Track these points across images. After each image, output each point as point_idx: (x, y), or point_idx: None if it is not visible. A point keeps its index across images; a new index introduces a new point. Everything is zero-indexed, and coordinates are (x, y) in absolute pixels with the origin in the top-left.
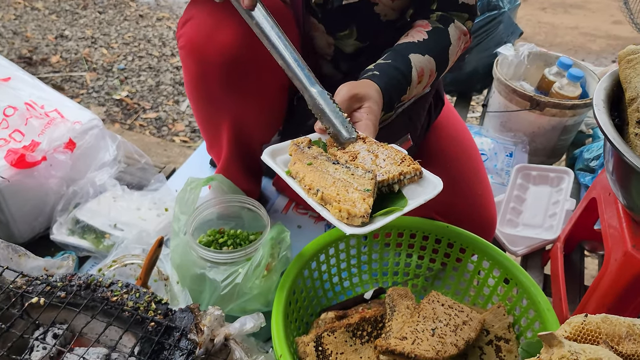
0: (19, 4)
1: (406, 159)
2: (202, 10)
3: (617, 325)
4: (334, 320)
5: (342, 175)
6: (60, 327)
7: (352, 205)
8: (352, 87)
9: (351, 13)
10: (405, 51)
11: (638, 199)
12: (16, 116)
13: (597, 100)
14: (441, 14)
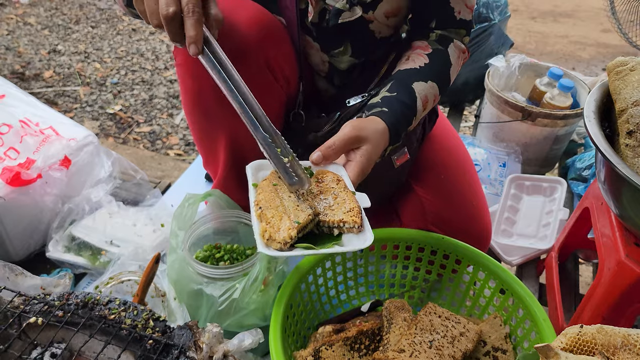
0: (11, 20)
1: (353, 210)
2: None
3: (612, 336)
4: (332, 334)
5: (289, 204)
6: (59, 346)
7: (276, 231)
8: (354, 129)
9: (346, 31)
10: (409, 80)
11: (630, 208)
12: (11, 134)
13: (588, 112)
14: (440, 33)
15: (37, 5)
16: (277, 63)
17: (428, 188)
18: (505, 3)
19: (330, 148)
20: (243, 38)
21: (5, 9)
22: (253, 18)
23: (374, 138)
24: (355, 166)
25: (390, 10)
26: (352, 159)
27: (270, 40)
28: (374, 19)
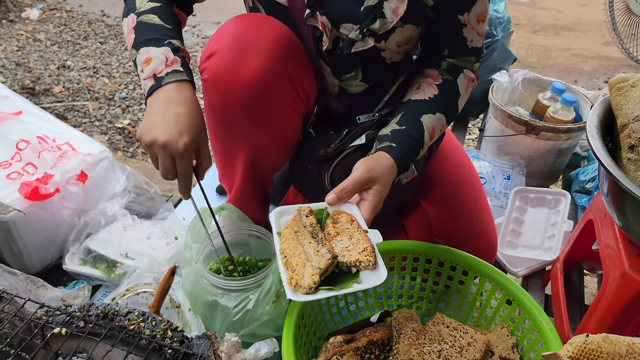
0: (21, 36)
1: (367, 250)
2: (224, 45)
3: (617, 345)
4: (342, 344)
5: (309, 250)
6: (81, 356)
7: (301, 278)
8: (365, 170)
9: (358, 58)
10: (418, 114)
11: (633, 221)
12: (29, 149)
13: (591, 127)
14: (451, 61)
15: (47, 22)
16: (299, 78)
17: (434, 203)
18: (508, 19)
19: (344, 191)
20: (270, 52)
21: (15, 25)
22: (279, 34)
23: (384, 177)
24: (368, 205)
25: (402, 40)
26: (365, 198)
27: (294, 57)
28: (385, 48)
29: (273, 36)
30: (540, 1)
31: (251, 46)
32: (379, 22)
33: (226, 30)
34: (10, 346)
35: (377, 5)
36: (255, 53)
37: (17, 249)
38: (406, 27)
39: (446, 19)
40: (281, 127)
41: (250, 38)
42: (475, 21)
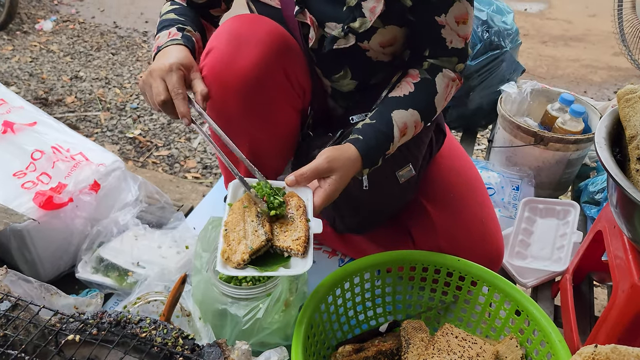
0: (34, 47)
1: (300, 239)
2: (221, 41)
3: (626, 356)
4: (352, 354)
5: (249, 228)
6: None
7: (233, 253)
8: (326, 160)
9: (343, 57)
10: (390, 109)
11: None
12: (43, 159)
13: (599, 138)
14: (432, 62)
15: (60, 33)
16: (294, 73)
17: (438, 206)
18: (516, 31)
19: (302, 176)
20: (265, 47)
21: (29, 37)
22: (273, 30)
23: (344, 168)
24: (322, 193)
25: (384, 41)
26: (322, 185)
27: (288, 51)
28: (369, 48)
29: (267, 32)
30: (549, 12)
31: (246, 41)
32: (358, 21)
33: (223, 29)
34: (24, 352)
35: (357, 6)
36: (250, 47)
37: (31, 257)
38: (388, 28)
39: (424, 20)
40: (277, 120)
41: (245, 34)
42: (454, 22)
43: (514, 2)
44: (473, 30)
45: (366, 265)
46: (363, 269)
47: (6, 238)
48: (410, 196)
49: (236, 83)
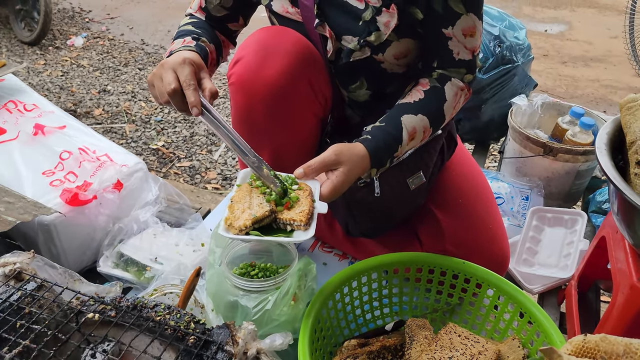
0: (66, 62)
1: (304, 212)
2: (249, 51)
3: (615, 344)
4: (356, 348)
5: (254, 202)
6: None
7: (236, 219)
8: (334, 153)
9: (359, 68)
10: (399, 113)
11: None
12: (71, 160)
13: (600, 144)
14: (441, 72)
15: (90, 49)
16: (317, 82)
17: (446, 211)
18: (528, 46)
19: (310, 167)
20: (291, 58)
21: (61, 52)
22: (298, 42)
23: (350, 161)
24: (329, 184)
25: (398, 53)
26: (329, 177)
27: (312, 62)
28: (384, 60)
29: (293, 42)
30: (569, 33)
31: (273, 51)
32: (374, 35)
33: (251, 40)
34: (47, 328)
35: (372, 20)
36: (276, 57)
37: (56, 250)
38: (402, 40)
39: (432, 32)
40: (299, 127)
41: (272, 44)
42: (461, 35)
43: (535, 23)
44: (485, 44)
45: (374, 266)
46: (371, 268)
47: (34, 232)
48: (420, 202)
49: (262, 91)
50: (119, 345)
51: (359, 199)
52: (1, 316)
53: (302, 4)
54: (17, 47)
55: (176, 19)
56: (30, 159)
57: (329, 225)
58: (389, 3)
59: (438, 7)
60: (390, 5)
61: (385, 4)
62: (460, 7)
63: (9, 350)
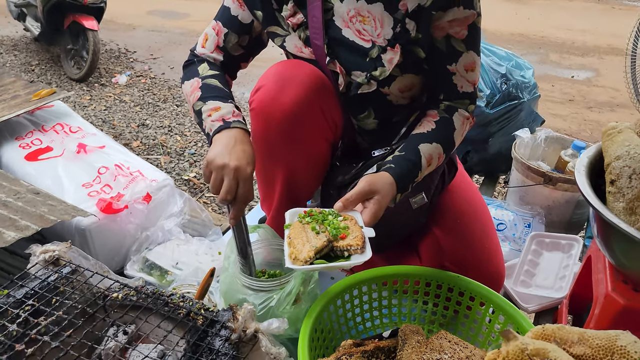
0: (110, 97)
1: (357, 237)
2: (268, 81)
3: (570, 333)
4: (352, 347)
5: (311, 235)
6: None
7: (299, 253)
8: (367, 184)
9: (367, 100)
10: (417, 142)
11: (617, 250)
12: (107, 174)
13: (579, 166)
14: (448, 104)
15: (132, 86)
16: (329, 110)
17: (445, 230)
18: (534, 84)
19: (348, 200)
20: (305, 87)
21: (106, 89)
22: (312, 74)
23: (384, 190)
24: (368, 212)
25: (402, 87)
26: (367, 206)
27: (324, 92)
28: (389, 93)
29: (308, 74)
30: (596, 80)
31: (289, 81)
32: (379, 70)
33: (270, 71)
34: (77, 304)
35: (377, 57)
36: (292, 86)
37: (89, 253)
38: (406, 76)
39: (438, 69)
40: (312, 150)
41: (288, 75)
42: (463, 70)
43: (562, 70)
44: (492, 82)
45: (375, 276)
46: (372, 279)
47: (71, 235)
48: (422, 220)
49: (279, 117)
50: (136, 322)
51: None
52: (40, 292)
53: (314, 44)
54: (66, 83)
55: None
56: (72, 172)
57: None
58: (393, 43)
59: (442, 46)
60: (395, 45)
61: (391, 43)
62: (461, 46)
63: (45, 319)
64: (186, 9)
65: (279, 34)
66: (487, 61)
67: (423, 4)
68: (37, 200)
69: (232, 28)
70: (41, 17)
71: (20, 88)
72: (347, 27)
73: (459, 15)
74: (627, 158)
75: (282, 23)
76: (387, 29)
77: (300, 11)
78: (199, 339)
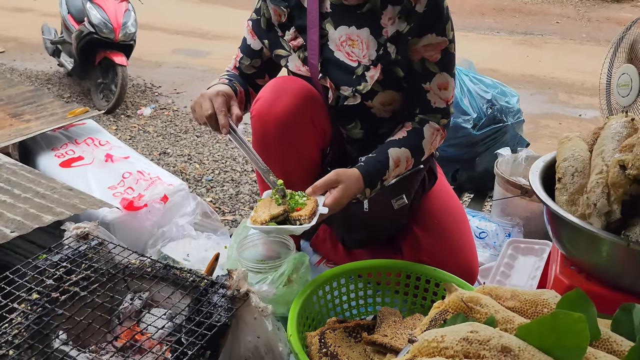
0: (134, 128)
1: (307, 210)
2: (266, 92)
3: (505, 291)
4: (336, 323)
5: (272, 206)
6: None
7: (258, 216)
8: (334, 174)
9: (353, 112)
10: (387, 147)
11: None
12: (130, 178)
13: (534, 168)
14: (421, 116)
15: (156, 118)
16: (317, 119)
17: (424, 229)
18: (518, 110)
19: (316, 187)
20: (296, 98)
21: (131, 120)
22: (304, 87)
23: (348, 181)
24: (331, 197)
25: (384, 101)
26: (331, 192)
27: (312, 102)
28: (373, 106)
29: (300, 87)
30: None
31: (283, 93)
32: (362, 85)
33: (269, 84)
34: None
35: (362, 75)
36: (285, 97)
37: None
38: (387, 91)
39: (414, 87)
40: (303, 152)
41: (283, 88)
42: (437, 89)
43: (570, 109)
44: (479, 107)
45: (362, 267)
46: (359, 269)
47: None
48: (403, 221)
49: (273, 122)
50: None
51: (352, 212)
52: (72, 258)
53: (310, 64)
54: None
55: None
56: (100, 177)
57: (332, 245)
58: (376, 63)
59: (418, 67)
60: (377, 64)
61: (374, 63)
62: (435, 68)
63: (75, 277)
64: (209, 48)
65: (282, 55)
66: (475, 88)
67: (401, 30)
68: (70, 194)
69: (246, 53)
70: (75, 54)
71: (58, 107)
72: (339, 50)
73: (432, 41)
74: (572, 159)
75: (284, 46)
76: (372, 50)
77: (300, 36)
78: (200, 296)
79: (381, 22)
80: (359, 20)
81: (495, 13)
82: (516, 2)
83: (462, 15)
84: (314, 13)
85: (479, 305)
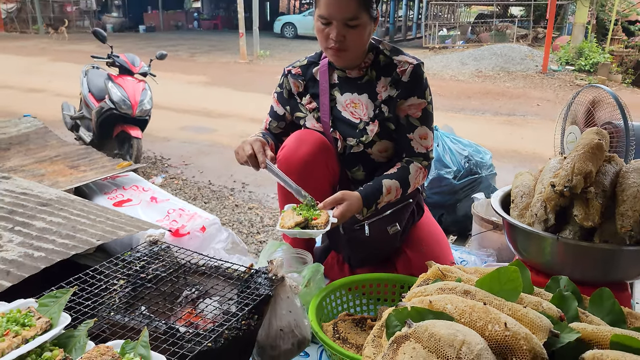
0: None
1: (323, 220)
2: (290, 142)
3: (470, 269)
4: (346, 317)
5: (295, 216)
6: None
7: (285, 223)
8: (341, 194)
9: (358, 158)
10: (382, 178)
11: (518, 245)
12: (174, 214)
13: (495, 195)
14: (407, 158)
15: (166, 186)
16: (330, 163)
17: (414, 251)
18: (490, 165)
19: (327, 202)
20: (314, 147)
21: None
22: (319, 138)
23: (351, 199)
24: (338, 210)
25: (381, 149)
26: (338, 207)
27: (327, 151)
28: (372, 153)
29: (316, 138)
30: None
31: (303, 143)
32: (364, 137)
33: (292, 136)
34: (169, 267)
35: (363, 129)
36: (305, 145)
37: None
38: (383, 141)
39: (401, 137)
40: (318, 188)
41: (303, 139)
42: (419, 138)
43: None
44: (458, 161)
45: (365, 279)
46: (363, 281)
47: None
48: (397, 244)
49: (296, 165)
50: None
51: (355, 236)
52: (146, 259)
53: (323, 121)
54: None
55: (239, 167)
56: (148, 214)
57: (339, 268)
58: (374, 119)
59: (404, 122)
60: (375, 120)
61: (372, 120)
62: (417, 122)
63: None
64: (214, 126)
65: (301, 117)
66: (454, 147)
67: (392, 95)
68: (132, 220)
69: (273, 117)
70: (94, 127)
71: (106, 161)
72: (345, 110)
73: (414, 102)
74: (521, 186)
75: (302, 109)
76: (370, 110)
77: (314, 101)
78: (247, 281)
79: (376, 89)
80: (360, 88)
81: (480, 96)
82: (500, 86)
83: (450, 98)
84: (324, 84)
85: (450, 272)
